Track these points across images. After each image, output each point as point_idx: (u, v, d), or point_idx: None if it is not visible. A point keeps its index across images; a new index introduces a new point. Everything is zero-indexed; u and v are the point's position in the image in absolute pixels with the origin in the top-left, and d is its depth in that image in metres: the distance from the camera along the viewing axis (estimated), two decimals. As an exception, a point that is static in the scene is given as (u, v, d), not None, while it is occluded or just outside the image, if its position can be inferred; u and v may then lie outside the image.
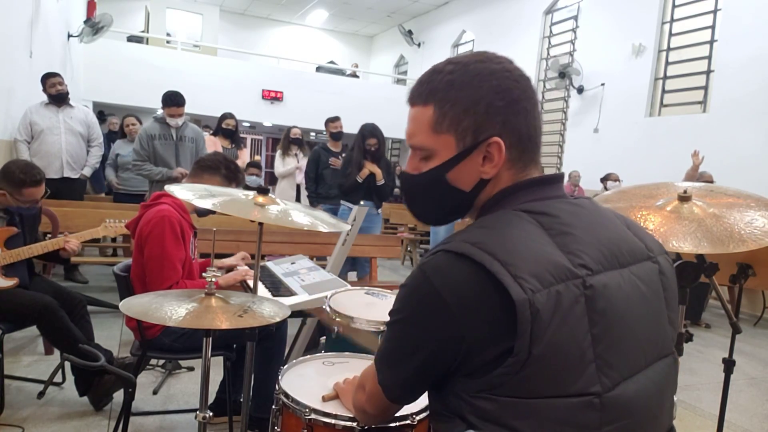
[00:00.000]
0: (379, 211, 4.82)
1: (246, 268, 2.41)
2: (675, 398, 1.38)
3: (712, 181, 5.43)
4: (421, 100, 0.91)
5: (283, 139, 6.01)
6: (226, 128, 5.37)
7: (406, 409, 1.18)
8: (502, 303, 0.76)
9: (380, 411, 1.02)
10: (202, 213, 2.47)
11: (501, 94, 0.86)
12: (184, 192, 1.62)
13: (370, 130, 4.48)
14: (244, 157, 5.52)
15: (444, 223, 0.98)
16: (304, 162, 5.75)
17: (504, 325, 0.76)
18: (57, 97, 4.74)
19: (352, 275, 4.63)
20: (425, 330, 0.82)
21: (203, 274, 2.33)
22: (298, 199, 5.85)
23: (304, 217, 1.66)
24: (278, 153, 5.99)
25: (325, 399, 1.26)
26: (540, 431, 0.78)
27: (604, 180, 7.29)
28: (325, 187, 5.07)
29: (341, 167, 4.74)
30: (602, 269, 0.83)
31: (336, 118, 5.28)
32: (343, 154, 4.98)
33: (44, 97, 4.79)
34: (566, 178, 7.80)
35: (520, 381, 0.76)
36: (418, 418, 1.20)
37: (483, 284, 0.77)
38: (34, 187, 2.61)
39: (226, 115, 5.42)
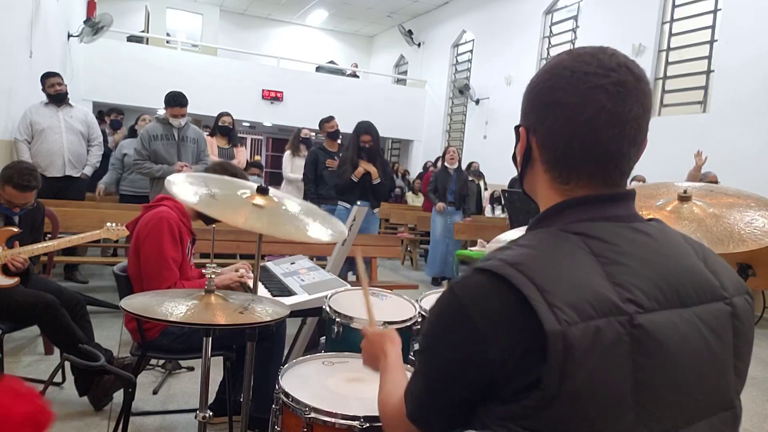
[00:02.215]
0: (375, 211, 4.79)
1: (243, 271, 2.39)
2: None
3: (716, 182, 5.34)
4: None
5: (293, 139, 5.92)
6: (223, 125, 5.38)
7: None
8: (536, 331, 0.69)
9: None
10: (209, 221, 2.46)
11: (549, 92, 0.82)
12: (183, 186, 1.62)
13: (365, 128, 4.48)
14: (240, 156, 5.51)
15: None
16: None
17: (536, 355, 0.69)
18: (56, 96, 4.75)
19: (352, 275, 4.63)
20: (451, 350, 0.77)
21: (203, 270, 2.32)
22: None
23: (297, 220, 1.66)
24: (287, 153, 5.88)
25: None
26: None
27: (630, 180, 7.24)
28: (325, 188, 5.06)
29: (337, 166, 4.71)
30: (657, 307, 0.74)
31: (331, 118, 5.26)
32: (340, 154, 4.97)
33: (44, 97, 4.79)
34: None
35: (547, 418, 0.70)
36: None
37: (516, 308, 0.71)
38: (17, 190, 2.57)
39: (223, 113, 5.45)
